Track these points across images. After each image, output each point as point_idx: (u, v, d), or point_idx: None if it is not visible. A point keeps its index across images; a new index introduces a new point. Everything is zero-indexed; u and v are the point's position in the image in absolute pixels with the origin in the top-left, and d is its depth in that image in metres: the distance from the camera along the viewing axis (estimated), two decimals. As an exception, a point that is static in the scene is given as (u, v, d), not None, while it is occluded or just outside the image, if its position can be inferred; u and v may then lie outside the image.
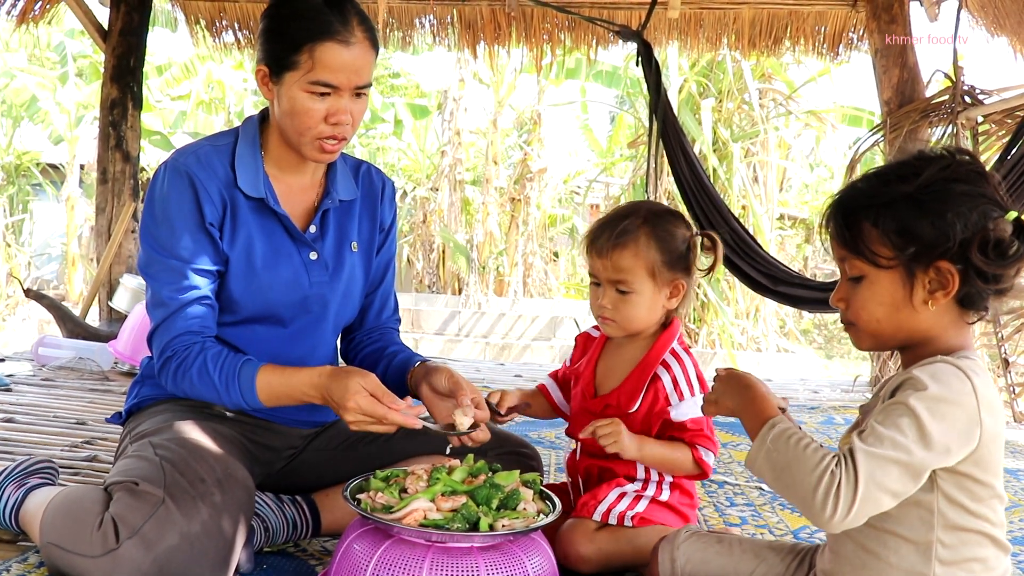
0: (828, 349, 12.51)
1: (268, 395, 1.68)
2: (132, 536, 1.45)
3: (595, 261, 1.88)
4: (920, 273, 1.26)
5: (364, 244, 1.97)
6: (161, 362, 1.73)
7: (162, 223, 1.74)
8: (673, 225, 1.88)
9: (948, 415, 1.19)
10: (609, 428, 1.81)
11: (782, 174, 11.08)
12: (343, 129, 1.74)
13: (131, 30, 5.28)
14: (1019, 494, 2.80)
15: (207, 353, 1.69)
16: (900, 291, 1.28)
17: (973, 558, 1.27)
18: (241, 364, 1.68)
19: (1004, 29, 4.65)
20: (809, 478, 1.18)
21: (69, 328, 4.79)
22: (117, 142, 5.25)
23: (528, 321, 11.00)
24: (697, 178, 4.73)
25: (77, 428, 3.01)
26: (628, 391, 1.88)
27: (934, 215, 1.24)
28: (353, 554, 1.49)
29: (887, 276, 1.29)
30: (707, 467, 1.88)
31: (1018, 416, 4.31)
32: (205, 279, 1.75)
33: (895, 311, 1.30)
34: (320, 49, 1.67)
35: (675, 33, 5.79)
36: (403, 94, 16.42)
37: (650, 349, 1.91)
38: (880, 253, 1.28)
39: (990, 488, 1.26)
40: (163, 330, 1.73)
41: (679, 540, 1.59)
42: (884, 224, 1.27)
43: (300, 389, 1.66)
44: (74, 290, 13.50)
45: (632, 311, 1.86)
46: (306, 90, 1.69)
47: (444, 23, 5.91)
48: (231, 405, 1.71)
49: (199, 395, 1.72)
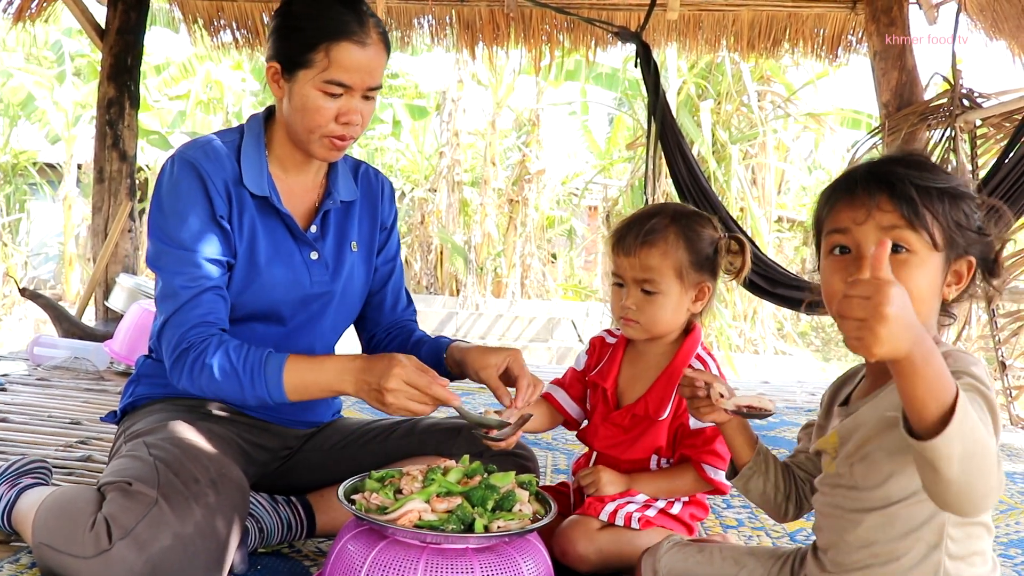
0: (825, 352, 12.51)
1: (295, 386, 1.62)
2: (125, 537, 1.44)
3: (621, 260, 1.84)
4: (953, 263, 1.29)
5: (364, 244, 1.97)
6: (176, 355, 1.67)
7: (171, 215, 1.73)
8: (700, 226, 1.85)
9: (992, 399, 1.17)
10: (590, 478, 1.85)
11: (780, 176, 11.10)
12: (353, 129, 1.75)
13: (128, 29, 5.27)
14: (1016, 497, 2.79)
15: (228, 345, 1.64)
16: (938, 277, 1.28)
17: (976, 551, 1.27)
18: (266, 356, 1.63)
19: (1003, 32, 4.65)
20: (997, 468, 1.02)
21: (65, 328, 4.78)
22: (114, 141, 5.25)
23: (525, 322, 11.00)
24: (695, 180, 4.73)
25: (72, 428, 3.00)
26: (656, 399, 1.85)
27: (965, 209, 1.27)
28: (347, 555, 1.48)
29: (934, 259, 1.27)
30: (719, 484, 1.84)
31: (1015, 419, 4.31)
32: (218, 269, 1.73)
33: (932, 298, 1.28)
34: (336, 49, 1.68)
35: (674, 34, 5.80)
36: (402, 95, 16.42)
37: (675, 355, 1.87)
38: (937, 232, 1.25)
39: None
40: (175, 322, 1.69)
41: (661, 552, 1.58)
42: (944, 207, 1.26)
43: (331, 377, 1.61)
44: (71, 290, 13.48)
45: (657, 312, 1.83)
46: (320, 88, 1.70)
47: (443, 23, 5.91)
48: (253, 400, 1.65)
49: (218, 390, 1.65)
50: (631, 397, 1.91)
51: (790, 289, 4.66)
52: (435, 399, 1.55)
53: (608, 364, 1.96)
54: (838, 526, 1.36)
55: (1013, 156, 3.87)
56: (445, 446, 1.96)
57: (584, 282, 14.90)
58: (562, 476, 2.75)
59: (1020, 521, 2.50)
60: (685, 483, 1.86)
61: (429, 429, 2.00)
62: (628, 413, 1.89)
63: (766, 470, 1.60)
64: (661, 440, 1.87)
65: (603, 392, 1.94)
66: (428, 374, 1.56)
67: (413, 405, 1.55)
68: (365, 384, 1.57)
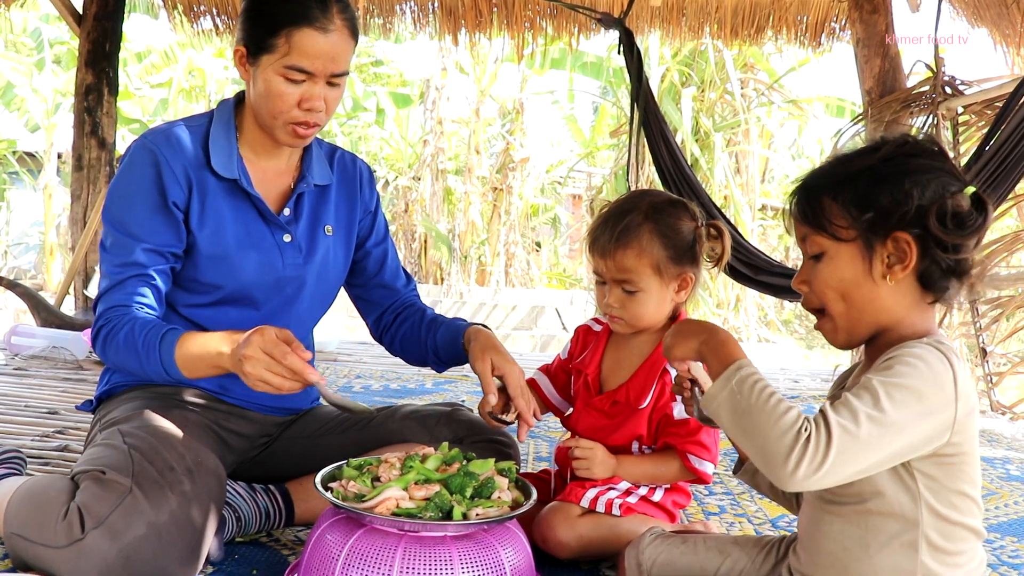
0: (809, 339, 12.55)
1: (185, 360, 1.59)
2: (98, 526, 1.42)
3: (598, 261, 1.82)
4: (878, 246, 1.25)
5: (341, 228, 1.95)
6: (96, 329, 1.70)
7: (120, 199, 1.74)
8: (676, 218, 1.82)
9: (927, 394, 1.17)
10: (586, 453, 1.81)
11: (764, 164, 11.11)
12: (316, 116, 1.74)
13: (106, 15, 5.21)
14: (996, 482, 2.81)
15: (136, 321, 1.65)
16: (860, 265, 1.27)
17: (957, 551, 1.26)
18: (165, 331, 1.62)
19: (984, 20, 4.66)
20: (774, 428, 1.14)
21: (43, 317, 4.73)
22: (93, 128, 5.19)
23: (509, 310, 10.99)
24: (678, 167, 4.73)
25: (49, 418, 2.97)
26: (638, 387, 1.84)
27: (892, 184, 1.23)
28: (325, 543, 1.46)
29: (846, 249, 1.28)
30: (703, 475, 1.83)
31: (995, 405, 4.34)
32: (155, 257, 1.72)
33: (856, 287, 1.28)
34: (297, 34, 1.66)
35: (657, 21, 5.79)
36: (386, 83, 16.34)
37: (658, 344, 1.85)
38: (839, 224, 1.27)
39: (969, 481, 1.25)
40: (102, 300, 1.72)
41: (644, 543, 1.57)
42: (843, 196, 1.27)
43: (211, 350, 1.56)
44: (53, 279, 13.37)
45: (640, 309, 1.82)
46: (281, 74, 1.69)
47: (425, 10, 5.88)
48: (153, 374, 1.63)
49: (123, 363, 1.67)
50: (613, 383, 1.90)
51: (773, 276, 4.66)
52: (291, 371, 1.47)
53: (592, 351, 1.95)
54: (815, 517, 1.36)
55: (994, 143, 3.88)
56: (424, 433, 1.94)
57: (568, 270, 14.90)
58: (544, 464, 2.74)
59: (999, 506, 2.51)
60: (670, 471, 1.86)
61: (409, 416, 1.99)
62: (609, 399, 1.88)
63: None
64: (642, 429, 1.86)
65: (585, 378, 1.93)
66: (289, 345, 1.48)
67: (271, 376, 1.46)
68: (235, 354, 1.51)
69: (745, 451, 1.21)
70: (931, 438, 1.19)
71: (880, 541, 1.26)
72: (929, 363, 1.19)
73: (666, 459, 1.86)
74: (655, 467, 1.86)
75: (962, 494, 1.25)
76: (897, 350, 1.23)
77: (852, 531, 1.29)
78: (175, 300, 1.82)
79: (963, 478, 1.24)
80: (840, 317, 1.32)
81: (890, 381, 1.17)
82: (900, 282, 1.26)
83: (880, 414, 1.14)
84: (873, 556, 1.27)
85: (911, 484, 1.24)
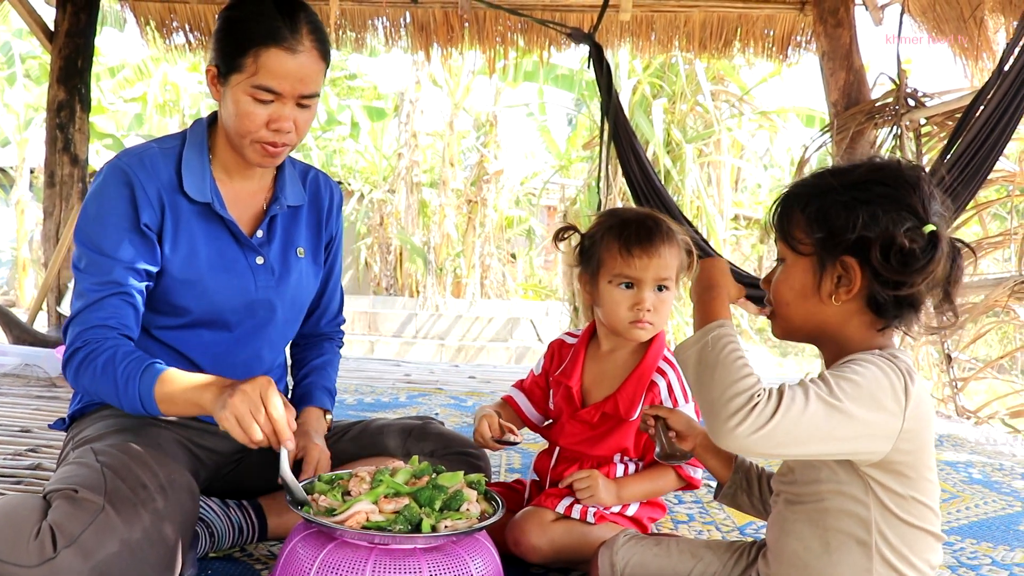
0: (782, 347, 12.66)
1: (164, 396, 1.59)
2: (70, 545, 1.42)
3: (642, 260, 1.82)
4: (829, 266, 1.30)
5: (310, 250, 1.97)
6: (70, 352, 1.68)
7: (94, 219, 1.74)
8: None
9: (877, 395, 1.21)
10: (587, 482, 1.82)
11: (736, 174, 11.22)
12: (285, 136, 1.74)
13: (78, 31, 5.21)
14: (958, 486, 2.87)
15: (118, 350, 1.64)
16: (810, 279, 1.32)
17: (913, 553, 1.29)
18: (147, 365, 1.62)
19: (944, 34, 4.76)
20: (731, 387, 1.19)
21: (15, 334, 4.71)
22: (65, 145, 5.18)
23: (485, 322, 11.02)
24: (648, 179, 4.78)
25: (21, 436, 2.96)
26: (627, 399, 1.87)
27: (848, 209, 1.27)
28: (296, 557, 1.48)
29: (802, 263, 1.34)
30: (694, 480, 1.88)
31: (960, 410, 4.41)
32: (131, 276, 1.72)
33: (803, 299, 1.34)
34: (265, 54, 1.67)
35: (627, 35, 5.86)
36: (360, 96, 16.35)
37: (645, 355, 1.89)
38: (799, 238, 1.33)
39: (923, 490, 1.28)
40: (78, 321, 1.70)
41: (618, 544, 1.61)
42: (808, 211, 1.32)
43: (196, 388, 1.58)
44: (25, 296, 13.25)
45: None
46: (249, 94, 1.69)
47: (397, 25, 5.91)
48: (128, 406, 1.63)
49: (96, 390, 1.66)
50: (598, 395, 1.93)
51: (746, 286, 4.71)
52: (269, 421, 1.50)
53: (571, 364, 1.97)
54: (780, 519, 1.41)
55: (952, 153, 3.96)
56: (395, 448, 1.97)
57: (544, 282, 14.95)
58: (516, 475, 2.77)
59: (960, 509, 2.57)
60: (667, 482, 1.90)
61: (380, 431, 2.01)
62: (598, 411, 1.90)
63: (748, 486, 1.64)
64: (627, 441, 1.89)
65: (567, 390, 1.95)
66: (284, 405, 1.52)
67: (247, 418, 1.48)
68: (226, 388, 1.54)
69: (698, 401, 1.27)
70: (875, 438, 1.22)
71: (838, 540, 1.30)
72: (881, 369, 1.23)
73: (661, 473, 1.89)
74: (653, 484, 1.89)
75: (917, 501, 1.28)
76: (852, 356, 1.28)
77: (813, 530, 1.33)
78: (147, 322, 1.82)
79: (916, 487, 1.28)
80: (783, 318, 1.40)
81: (844, 376, 1.22)
82: (847, 303, 1.30)
83: (831, 398, 1.18)
84: (832, 554, 1.31)
85: (864, 487, 1.28)
